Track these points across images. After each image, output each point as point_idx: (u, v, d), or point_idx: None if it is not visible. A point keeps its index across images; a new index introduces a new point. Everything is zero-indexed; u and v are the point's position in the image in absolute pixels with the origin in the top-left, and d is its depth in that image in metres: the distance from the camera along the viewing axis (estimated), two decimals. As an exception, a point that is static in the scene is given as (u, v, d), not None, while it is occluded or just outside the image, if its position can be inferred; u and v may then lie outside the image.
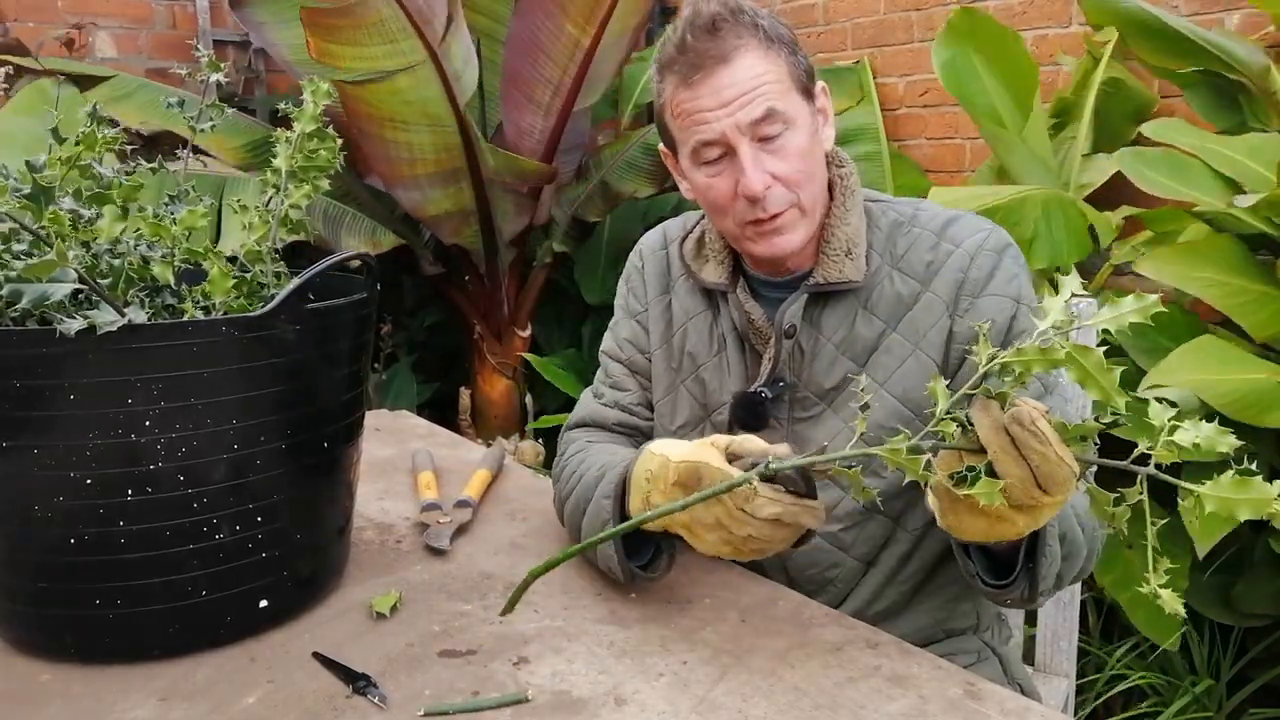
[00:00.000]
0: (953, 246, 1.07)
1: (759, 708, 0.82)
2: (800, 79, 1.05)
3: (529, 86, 2.71)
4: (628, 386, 1.23)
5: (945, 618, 1.15)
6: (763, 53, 1.01)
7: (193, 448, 0.85)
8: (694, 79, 1.01)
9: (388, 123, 2.53)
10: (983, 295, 1.05)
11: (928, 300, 1.07)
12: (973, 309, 1.05)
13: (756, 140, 1.02)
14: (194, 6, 3.25)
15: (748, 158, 1.01)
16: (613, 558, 0.99)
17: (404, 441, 1.61)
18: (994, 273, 1.05)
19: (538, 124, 2.78)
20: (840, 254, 1.08)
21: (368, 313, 1.02)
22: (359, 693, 0.84)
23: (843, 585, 1.12)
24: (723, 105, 1.00)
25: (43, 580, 0.88)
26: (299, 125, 0.99)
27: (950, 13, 2.84)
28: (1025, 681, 1.21)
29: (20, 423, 0.82)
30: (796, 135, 1.03)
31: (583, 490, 1.07)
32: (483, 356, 3.08)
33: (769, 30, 1.02)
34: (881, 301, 1.08)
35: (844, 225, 1.09)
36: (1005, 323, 1.04)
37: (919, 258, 1.08)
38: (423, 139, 2.58)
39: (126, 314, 0.80)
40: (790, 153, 1.02)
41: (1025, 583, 0.91)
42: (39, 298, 0.80)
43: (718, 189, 1.05)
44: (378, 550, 1.16)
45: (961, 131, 2.86)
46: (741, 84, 1.00)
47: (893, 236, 1.10)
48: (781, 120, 1.01)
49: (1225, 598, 1.96)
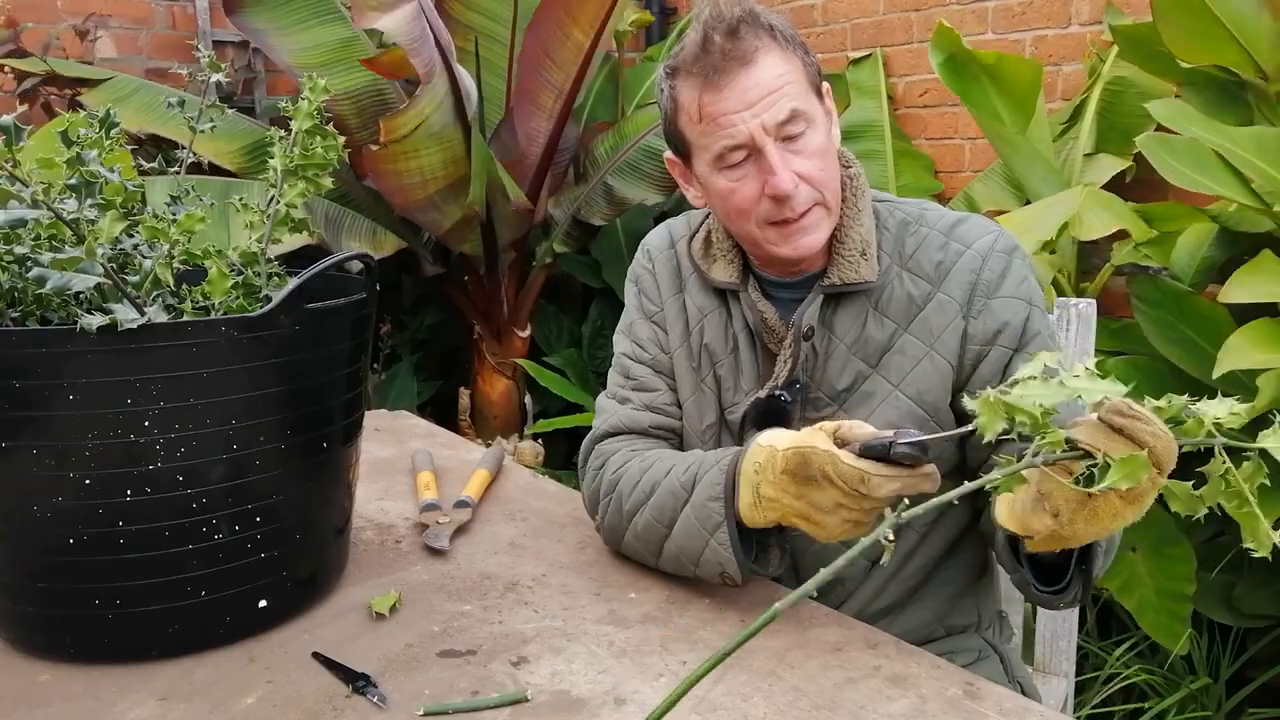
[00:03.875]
0: (963, 247, 1.08)
1: (759, 708, 0.82)
2: (814, 80, 1.06)
3: (537, 94, 2.72)
4: (656, 386, 1.19)
5: (946, 614, 1.15)
6: (781, 54, 1.02)
7: (193, 448, 0.85)
8: (718, 81, 1.01)
9: (402, 156, 2.51)
10: (996, 296, 1.06)
11: (940, 301, 1.07)
12: (986, 309, 1.05)
13: (781, 140, 1.02)
14: (194, 7, 3.25)
15: (776, 158, 1.01)
16: (731, 561, 0.97)
17: (404, 441, 1.61)
18: (1006, 274, 1.06)
19: (542, 127, 2.79)
20: (855, 254, 1.08)
21: (367, 313, 1.02)
22: (359, 693, 0.84)
23: (850, 584, 1.13)
24: (748, 107, 1.00)
25: (43, 580, 0.88)
26: (296, 123, 0.99)
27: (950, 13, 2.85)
28: (1026, 681, 1.21)
29: (20, 423, 0.82)
30: (817, 134, 1.04)
31: (665, 499, 1.03)
32: (482, 357, 3.08)
33: (783, 31, 1.03)
34: (892, 302, 1.08)
35: (858, 225, 1.09)
36: (1020, 324, 1.05)
37: (928, 258, 1.08)
38: (433, 160, 2.56)
39: (147, 313, 0.81)
40: (813, 151, 1.03)
41: (1079, 584, 0.91)
42: (62, 286, 0.81)
43: (742, 192, 1.04)
44: (377, 550, 1.16)
45: (961, 131, 2.86)
46: (766, 85, 1.00)
47: (901, 237, 1.11)
48: (804, 119, 1.02)
49: (1227, 598, 1.97)
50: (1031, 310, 1.06)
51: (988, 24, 2.76)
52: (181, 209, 1.00)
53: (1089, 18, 2.51)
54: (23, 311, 0.88)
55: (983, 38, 2.77)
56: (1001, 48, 2.73)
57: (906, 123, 3.04)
